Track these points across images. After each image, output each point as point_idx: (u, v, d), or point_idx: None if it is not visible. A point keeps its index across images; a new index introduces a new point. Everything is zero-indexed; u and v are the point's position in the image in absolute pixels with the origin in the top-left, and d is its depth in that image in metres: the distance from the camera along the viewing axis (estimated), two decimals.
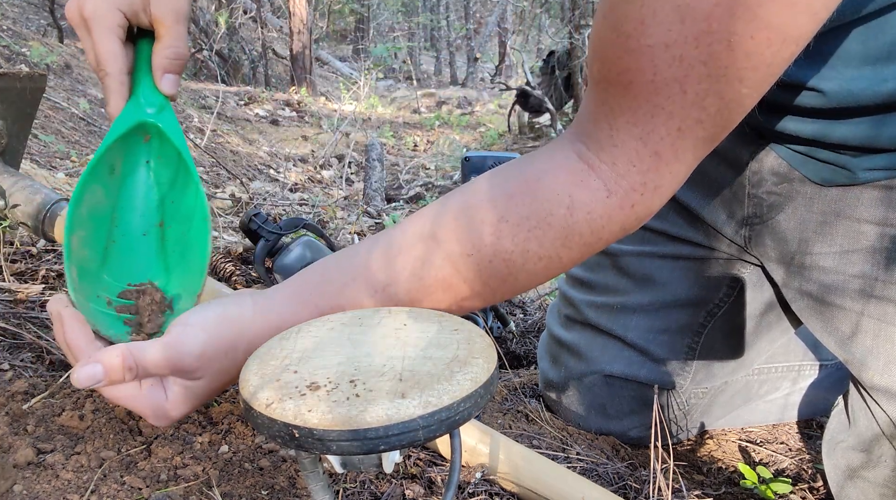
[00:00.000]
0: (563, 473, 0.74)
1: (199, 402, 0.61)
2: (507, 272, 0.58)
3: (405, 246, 0.61)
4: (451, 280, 0.59)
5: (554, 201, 0.55)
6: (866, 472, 0.78)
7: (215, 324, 0.59)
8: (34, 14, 5.74)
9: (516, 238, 0.56)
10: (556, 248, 0.56)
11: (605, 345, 0.97)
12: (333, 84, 9.26)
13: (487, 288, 0.59)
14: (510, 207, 0.57)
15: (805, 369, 1.07)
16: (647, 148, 0.52)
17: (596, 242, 0.57)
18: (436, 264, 0.59)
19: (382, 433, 0.42)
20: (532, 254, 0.56)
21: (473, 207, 0.59)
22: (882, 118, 0.66)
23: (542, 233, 0.56)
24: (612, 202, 0.54)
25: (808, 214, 0.77)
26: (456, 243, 0.58)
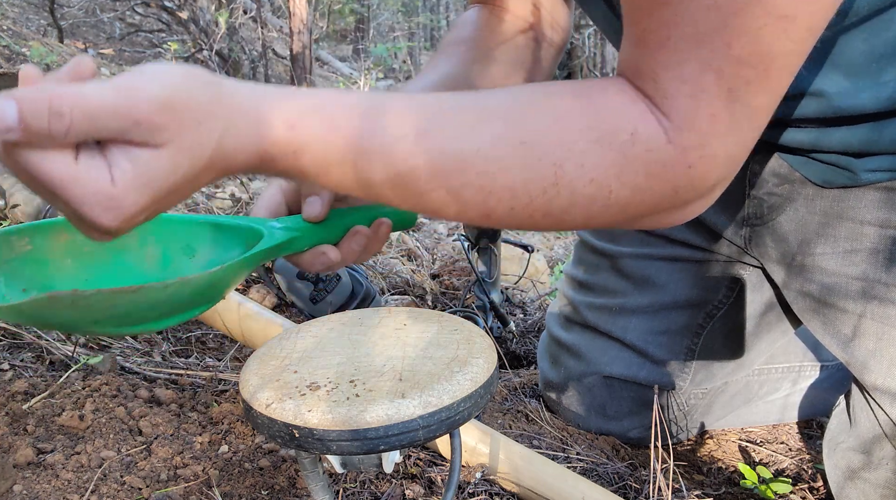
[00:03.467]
0: (563, 473, 0.74)
1: (158, 194, 0.42)
2: (553, 182, 0.49)
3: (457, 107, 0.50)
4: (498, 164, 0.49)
5: (618, 122, 0.49)
6: (867, 473, 0.78)
7: (182, 75, 0.43)
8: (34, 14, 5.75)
9: (575, 145, 0.49)
10: (610, 176, 0.49)
11: (605, 346, 0.98)
12: (333, 84, 9.27)
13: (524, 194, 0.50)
14: (575, 108, 0.50)
15: (805, 370, 1.07)
16: (702, 108, 0.48)
17: (646, 193, 0.50)
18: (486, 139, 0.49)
19: (382, 432, 0.42)
20: (586, 171, 0.49)
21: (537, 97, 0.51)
22: (881, 123, 0.66)
23: (601, 150, 0.49)
24: (671, 151, 0.49)
25: (809, 215, 0.77)
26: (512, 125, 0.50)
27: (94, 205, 0.40)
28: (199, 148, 0.43)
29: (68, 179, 0.39)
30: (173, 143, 0.41)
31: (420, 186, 0.49)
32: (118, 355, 0.91)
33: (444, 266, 1.76)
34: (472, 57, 0.80)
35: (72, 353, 0.87)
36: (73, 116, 0.38)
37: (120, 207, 0.41)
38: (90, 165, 0.40)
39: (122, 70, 4.38)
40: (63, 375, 0.78)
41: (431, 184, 0.49)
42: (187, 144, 0.42)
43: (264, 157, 0.46)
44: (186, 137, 0.42)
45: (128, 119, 0.40)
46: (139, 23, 7.82)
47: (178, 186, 0.43)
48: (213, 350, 1.10)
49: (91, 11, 7.52)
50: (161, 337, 1.07)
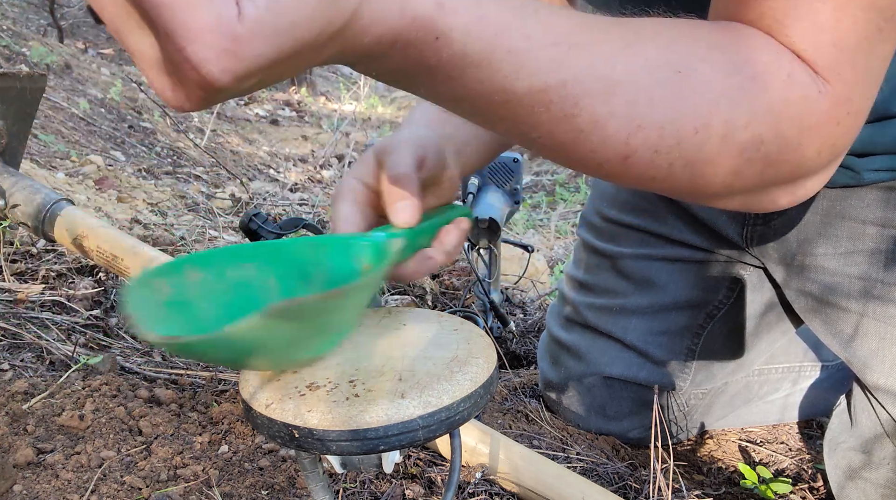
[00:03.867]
0: (563, 473, 0.74)
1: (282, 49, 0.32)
2: (706, 122, 0.42)
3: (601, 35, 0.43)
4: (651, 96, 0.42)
5: (771, 62, 0.43)
6: (867, 472, 0.78)
7: None
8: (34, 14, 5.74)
9: (731, 79, 0.43)
10: (766, 123, 0.43)
11: (605, 347, 0.98)
12: (333, 84, 9.26)
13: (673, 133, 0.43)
14: (726, 39, 0.44)
15: (805, 370, 1.07)
16: (844, 58, 0.43)
17: (794, 147, 0.44)
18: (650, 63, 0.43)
19: (382, 432, 0.42)
20: (742, 112, 0.42)
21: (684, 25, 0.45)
22: (882, 123, 0.66)
23: (758, 91, 0.43)
24: (823, 104, 0.43)
25: (811, 214, 0.77)
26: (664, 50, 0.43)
27: (208, 44, 0.30)
28: (344, 1, 0.34)
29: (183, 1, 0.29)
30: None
31: (564, 107, 0.41)
32: (118, 356, 0.91)
33: (444, 266, 1.76)
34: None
35: (72, 353, 0.87)
36: None
37: (239, 52, 0.31)
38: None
39: (122, 70, 4.38)
40: (63, 375, 0.78)
41: (576, 107, 0.41)
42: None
43: (399, 38, 0.37)
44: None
45: None
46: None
47: (308, 40, 0.33)
48: None
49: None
50: None
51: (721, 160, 0.44)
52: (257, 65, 0.32)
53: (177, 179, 2.79)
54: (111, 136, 3.11)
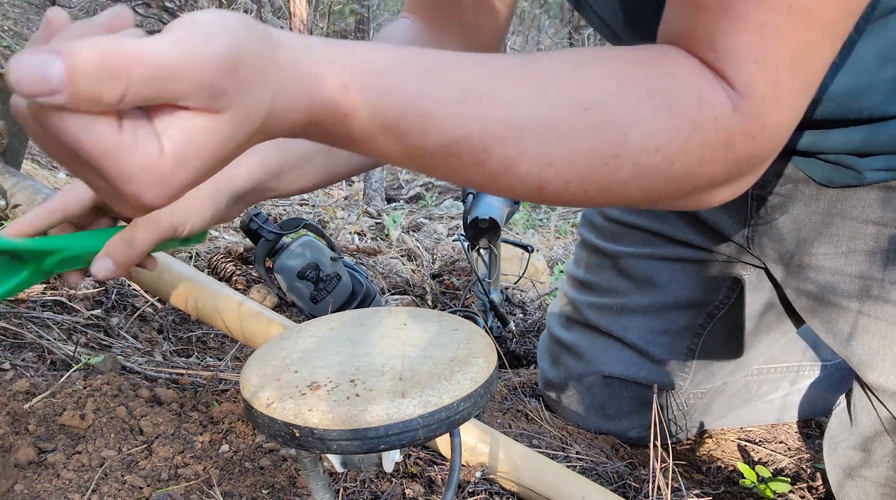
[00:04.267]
0: (562, 472, 0.74)
1: (204, 167, 0.37)
2: (616, 153, 0.45)
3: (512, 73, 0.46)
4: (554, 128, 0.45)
5: (685, 87, 0.46)
6: (867, 471, 0.78)
7: (244, 26, 0.37)
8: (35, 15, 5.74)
9: (640, 110, 0.45)
10: (676, 145, 0.45)
11: (605, 346, 0.98)
12: None
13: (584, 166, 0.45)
14: (638, 72, 0.46)
15: (804, 370, 1.08)
16: (765, 74, 0.45)
17: (710, 161, 0.47)
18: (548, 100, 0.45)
19: (382, 432, 0.42)
20: (652, 139, 0.45)
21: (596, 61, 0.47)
22: (877, 125, 0.67)
23: (668, 117, 0.45)
24: (736, 120, 0.46)
25: (811, 214, 0.77)
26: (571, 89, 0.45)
27: (140, 181, 0.35)
28: (255, 113, 0.38)
29: (112, 150, 0.33)
30: (232, 108, 0.36)
31: (475, 155, 0.44)
32: (119, 355, 0.92)
33: (444, 266, 1.77)
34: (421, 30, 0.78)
35: (73, 353, 0.87)
36: (131, 78, 0.32)
37: (167, 182, 0.35)
38: (137, 134, 0.34)
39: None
40: (64, 374, 0.79)
41: (486, 153, 0.44)
42: (244, 110, 0.37)
43: (312, 121, 0.41)
44: (244, 101, 0.37)
45: (192, 82, 0.34)
46: (140, 23, 7.82)
47: (227, 154, 0.38)
48: (213, 350, 1.11)
49: (92, 12, 7.52)
50: (162, 337, 1.08)
51: (636, 183, 0.47)
52: (185, 185, 0.37)
53: None
54: None
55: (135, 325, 1.06)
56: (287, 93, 0.39)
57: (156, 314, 1.11)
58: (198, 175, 0.37)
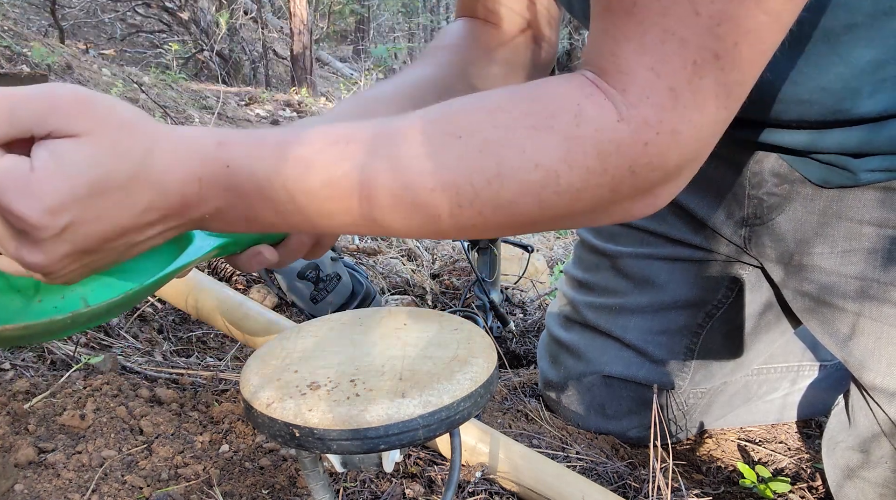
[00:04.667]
0: (562, 472, 0.74)
1: (76, 188, 0.42)
2: (496, 172, 0.47)
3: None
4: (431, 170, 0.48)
5: (559, 105, 0.47)
6: (865, 472, 0.78)
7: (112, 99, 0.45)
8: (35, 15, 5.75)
9: (512, 132, 0.47)
10: (557, 160, 0.47)
11: (604, 346, 0.98)
12: (334, 85, 9.26)
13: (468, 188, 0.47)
14: (510, 101, 0.48)
15: (804, 370, 1.08)
16: (661, 81, 0.45)
17: (601, 172, 0.47)
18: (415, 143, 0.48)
19: (382, 432, 0.42)
20: (528, 157, 0.47)
21: (471, 99, 0.50)
22: (877, 124, 0.67)
23: (543, 136, 0.47)
24: (623, 129, 0.46)
25: (808, 214, 0.77)
26: (444, 123, 0.48)
27: (12, 191, 0.40)
28: (123, 149, 0.43)
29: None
30: (93, 134, 0.42)
31: (361, 190, 0.48)
32: (119, 355, 0.92)
33: (444, 266, 1.77)
34: (463, 58, 0.79)
35: (73, 353, 0.87)
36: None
37: (38, 194, 0.40)
38: (11, 158, 0.41)
39: (122, 70, 4.39)
40: (64, 374, 0.79)
41: (370, 187, 0.47)
42: (108, 140, 0.42)
43: (202, 176, 0.46)
44: (106, 133, 0.42)
45: (45, 103, 0.41)
46: (140, 23, 7.83)
47: (103, 186, 0.42)
48: (213, 350, 1.11)
49: (92, 12, 7.52)
50: (162, 337, 1.08)
51: (526, 199, 0.48)
52: (59, 200, 0.41)
53: None
54: None
55: (135, 325, 1.06)
56: (166, 149, 0.45)
57: (156, 314, 1.11)
58: (70, 194, 0.41)
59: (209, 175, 0.45)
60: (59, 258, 0.43)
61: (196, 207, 0.47)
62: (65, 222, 0.41)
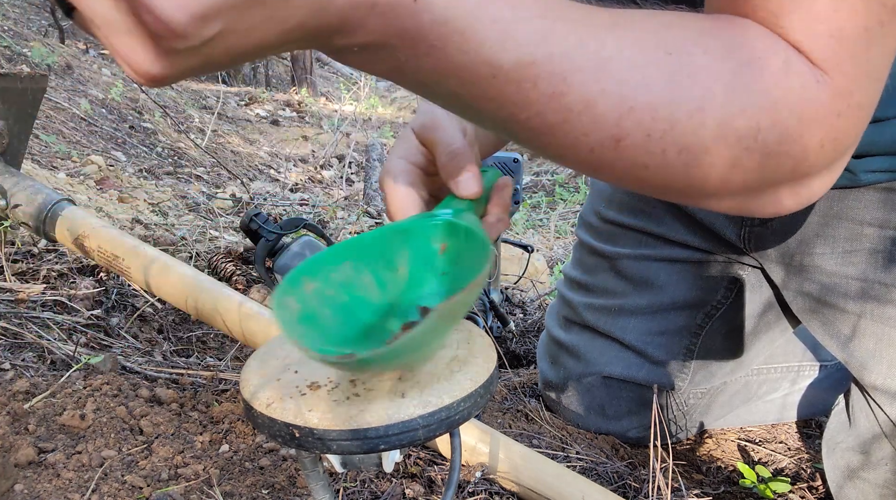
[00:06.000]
0: (562, 472, 0.74)
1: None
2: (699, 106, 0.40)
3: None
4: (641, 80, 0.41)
5: (768, 47, 0.41)
6: (866, 473, 0.78)
7: None
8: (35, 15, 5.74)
9: (722, 64, 0.41)
10: (762, 110, 0.41)
11: (604, 347, 0.98)
12: (334, 84, 9.25)
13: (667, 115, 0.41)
14: (716, 27, 0.43)
15: (804, 370, 1.08)
16: (843, 49, 0.41)
17: (793, 139, 0.42)
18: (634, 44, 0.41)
19: (382, 432, 0.42)
20: (736, 98, 0.41)
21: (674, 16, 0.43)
22: (881, 124, 0.67)
23: (754, 76, 0.41)
24: (823, 94, 0.41)
25: (809, 215, 0.77)
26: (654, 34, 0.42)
27: None
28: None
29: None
30: None
31: (553, 84, 0.39)
32: (119, 355, 0.92)
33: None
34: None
35: (73, 353, 0.87)
36: None
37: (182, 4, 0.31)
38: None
39: (123, 70, 4.37)
40: (64, 374, 0.79)
41: (565, 83, 0.39)
42: None
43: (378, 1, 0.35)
44: None
45: None
46: None
47: None
48: (213, 350, 1.11)
49: None
50: (162, 337, 1.08)
51: (717, 148, 0.42)
52: (215, 3, 0.31)
53: (178, 180, 2.80)
54: (112, 136, 3.11)
55: (135, 325, 1.06)
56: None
57: (156, 314, 1.11)
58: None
59: (389, 4, 0.35)
60: (183, 71, 0.34)
61: (351, 35, 0.37)
62: (212, 33, 0.32)
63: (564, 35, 0.39)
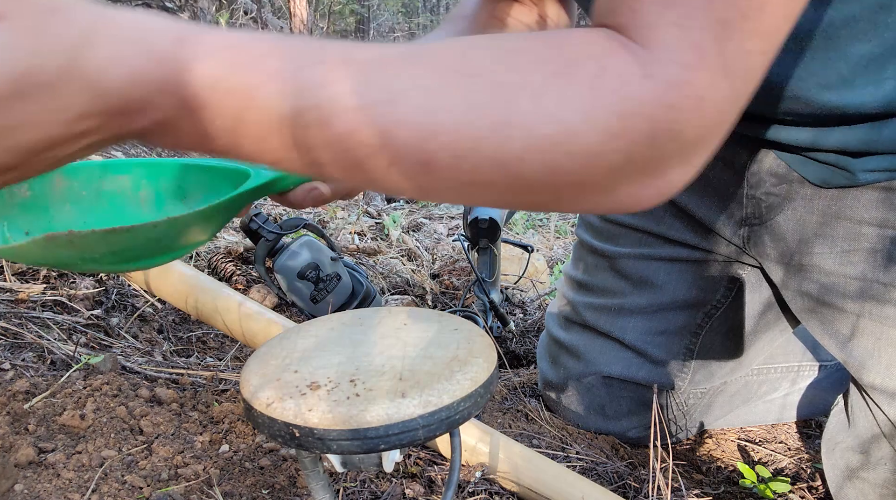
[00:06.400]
0: (562, 472, 0.74)
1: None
2: (505, 119, 0.41)
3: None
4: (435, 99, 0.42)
5: (582, 52, 0.43)
6: (865, 473, 0.78)
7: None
8: None
9: (529, 76, 0.42)
10: (575, 113, 0.41)
11: (604, 346, 0.98)
12: None
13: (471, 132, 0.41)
14: (529, 43, 0.44)
15: (804, 370, 1.08)
16: (687, 37, 0.41)
17: (619, 134, 0.42)
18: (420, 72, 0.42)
19: (382, 432, 0.42)
20: (543, 107, 0.41)
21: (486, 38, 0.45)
22: (880, 123, 0.67)
23: (563, 84, 0.41)
24: (648, 87, 0.42)
25: (808, 215, 0.77)
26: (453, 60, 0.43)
27: None
28: (51, 37, 0.34)
29: None
30: (11, 17, 0.33)
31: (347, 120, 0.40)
32: (119, 355, 0.92)
33: (444, 266, 1.77)
34: (480, 29, 0.77)
35: (73, 353, 0.87)
36: None
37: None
38: None
39: None
40: (64, 374, 0.79)
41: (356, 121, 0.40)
42: (31, 25, 0.34)
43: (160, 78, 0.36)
44: (29, 15, 0.34)
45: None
46: None
47: (26, 83, 0.34)
48: (213, 350, 1.11)
49: None
50: (162, 337, 1.08)
51: (533, 157, 0.42)
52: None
53: None
54: None
55: (135, 325, 1.06)
56: (114, 38, 0.36)
57: (156, 314, 1.11)
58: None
59: (160, 79, 0.36)
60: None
61: (140, 116, 0.37)
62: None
63: (348, 76, 0.40)
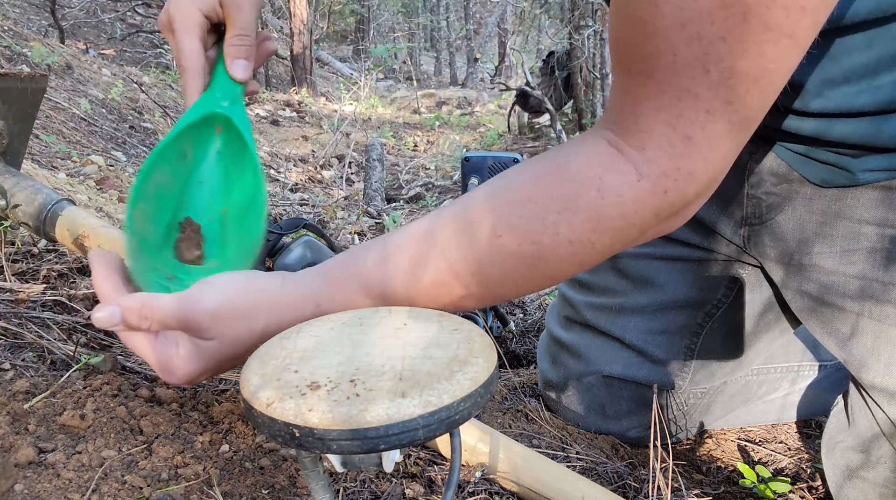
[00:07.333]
0: (562, 472, 0.74)
1: (208, 366, 0.59)
2: (538, 256, 0.56)
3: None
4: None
5: (583, 183, 0.54)
6: (865, 472, 0.78)
7: (237, 288, 0.59)
8: (35, 15, 5.75)
9: (544, 220, 0.55)
10: (587, 232, 0.54)
11: (604, 346, 0.98)
12: (334, 84, 9.25)
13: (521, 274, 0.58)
14: (539, 188, 0.56)
15: (804, 370, 1.08)
16: (677, 132, 0.51)
17: (628, 228, 0.55)
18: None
19: (383, 432, 0.42)
20: (562, 238, 0.55)
21: (500, 193, 0.58)
22: (881, 117, 0.67)
23: (570, 216, 0.54)
24: (644, 187, 0.53)
25: (808, 214, 0.77)
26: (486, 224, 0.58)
27: (161, 369, 0.60)
28: (242, 343, 0.59)
29: (148, 351, 0.60)
30: (219, 338, 0.58)
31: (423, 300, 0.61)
32: (119, 355, 0.92)
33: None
34: None
35: (73, 353, 0.87)
36: (153, 319, 0.58)
37: (177, 372, 0.59)
38: (164, 342, 0.60)
39: (122, 70, 4.38)
40: (64, 374, 0.79)
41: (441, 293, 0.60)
42: (231, 337, 0.58)
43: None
44: (230, 333, 0.58)
45: (186, 324, 0.58)
46: (140, 23, 7.82)
47: (228, 358, 0.60)
48: None
49: (92, 12, 7.52)
50: None
51: (565, 266, 0.57)
52: (193, 374, 0.60)
53: None
54: (112, 136, 3.11)
55: None
56: (283, 320, 0.59)
57: None
58: (202, 369, 0.60)
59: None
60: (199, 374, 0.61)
61: None
62: (201, 378, 0.62)
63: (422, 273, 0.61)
